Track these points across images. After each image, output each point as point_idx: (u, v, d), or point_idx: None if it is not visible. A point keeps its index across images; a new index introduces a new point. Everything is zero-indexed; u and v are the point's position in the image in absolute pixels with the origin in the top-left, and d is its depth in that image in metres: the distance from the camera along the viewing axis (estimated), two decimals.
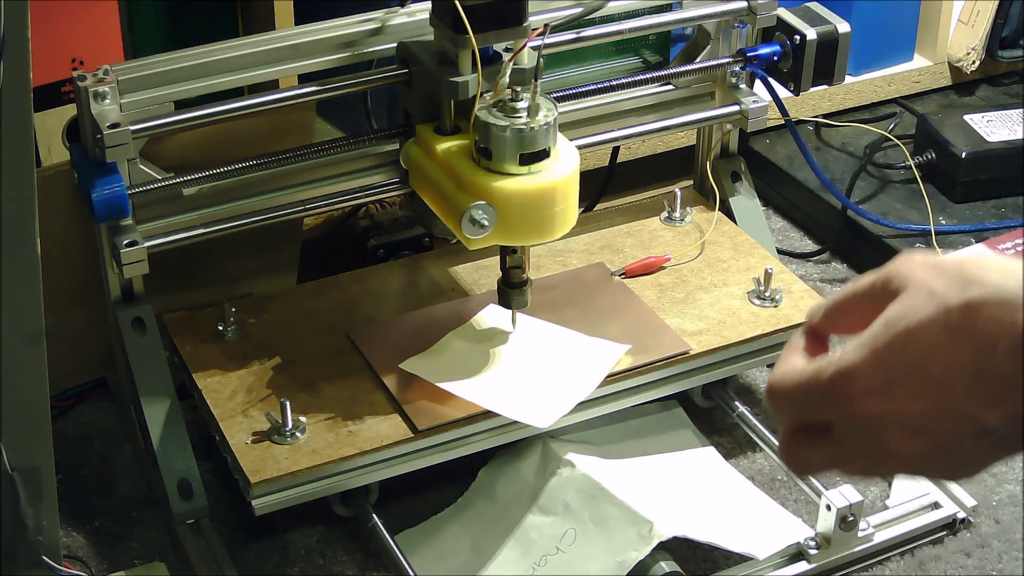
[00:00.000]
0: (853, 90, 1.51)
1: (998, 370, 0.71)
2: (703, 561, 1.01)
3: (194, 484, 1.01)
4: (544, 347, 1.06)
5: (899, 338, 0.73)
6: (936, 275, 0.74)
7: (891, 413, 0.74)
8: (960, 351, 0.71)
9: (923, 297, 0.73)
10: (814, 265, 1.36)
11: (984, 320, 0.71)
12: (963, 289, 0.72)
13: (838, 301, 0.78)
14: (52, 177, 1.04)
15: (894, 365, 0.73)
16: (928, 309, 0.72)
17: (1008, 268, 0.72)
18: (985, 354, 0.71)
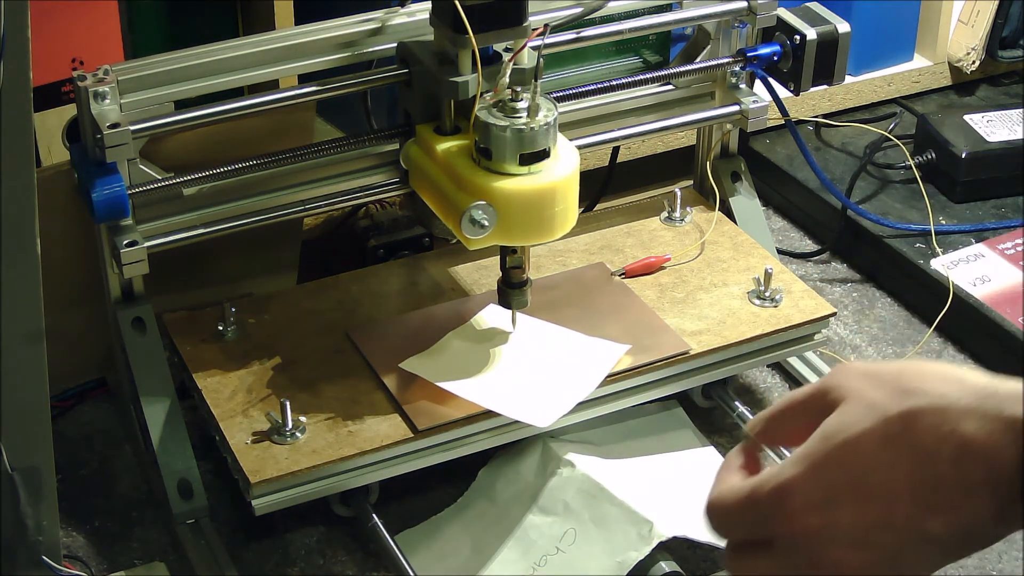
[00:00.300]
0: (853, 90, 1.51)
1: (940, 480, 0.70)
2: (703, 561, 1.01)
3: (194, 484, 1.01)
4: (544, 347, 1.06)
5: (838, 450, 0.73)
6: (874, 386, 0.73)
7: (832, 527, 0.73)
8: (901, 462, 0.71)
9: (862, 409, 0.72)
10: (814, 265, 1.36)
11: (923, 430, 0.70)
12: (901, 399, 0.71)
13: (775, 413, 0.77)
14: (52, 177, 1.04)
15: (833, 479, 0.73)
16: (867, 421, 0.72)
17: (947, 376, 0.72)
18: (926, 464, 0.70)
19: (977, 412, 0.68)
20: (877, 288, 1.33)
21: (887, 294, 1.32)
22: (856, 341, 1.26)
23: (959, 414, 0.69)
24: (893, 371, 0.74)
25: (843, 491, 0.73)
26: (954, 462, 0.69)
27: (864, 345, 1.25)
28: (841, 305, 1.30)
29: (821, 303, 1.12)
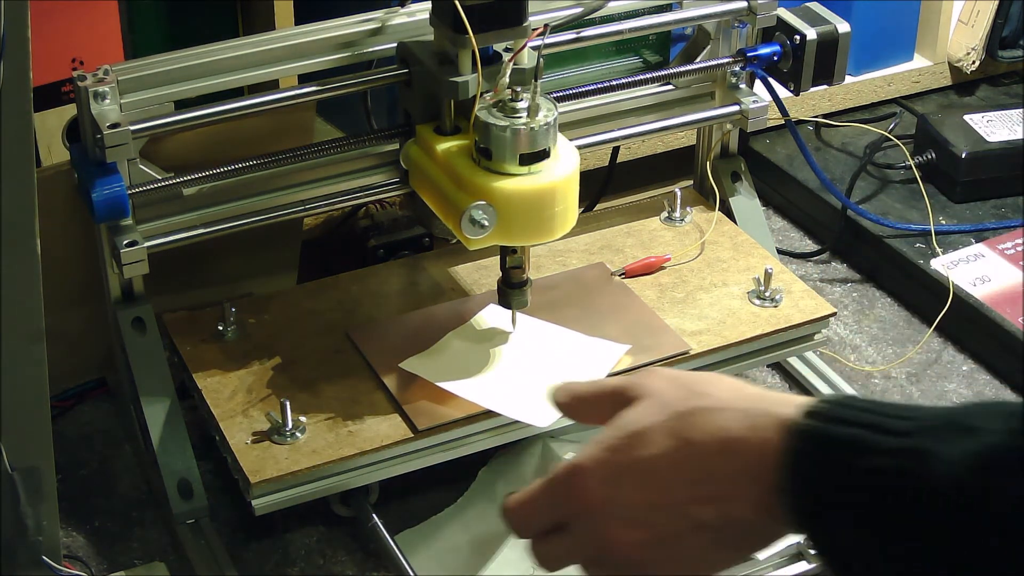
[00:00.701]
0: (853, 90, 1.51)
1: (709, 470, 0.77)
2: None
3: (194, 484, 1.01)
4: (544, 347, 1.06)
5: (628, 438, 0.80)
6: (670, 387, 0.82)
7: (614, 502, 0.81)
8: (679, 453, 0.78)
9: (656, 406, 0.81)
10: (814, 265, 1.36)
11: (700, 426, 0.78)
12: (688, 400, 0.79)
13: (583, 393, 0.86)
14: (52, 177, 1.04)
15: (620, 460, 0.80)
16: (657, 416, 0.80)
17: (731, 384, 0.80)
18: (698, 456, 0.78)
19: (746, 412, 0.76)
20: (877, 288, 1.33)
21: (887, 294, 1.32)
22: (856, 341, 1.26)
23: (731, 414, 0.77)
24: (690, 378, 0.82)
25: (627, 472, 0.80)
26: (721, 454, 0.77)
27: (864, 345, 1.25)
28: (841, 305, 1.30)
29: (821, 303, 1.12)
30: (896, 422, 0.70)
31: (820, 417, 0.73)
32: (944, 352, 1.24)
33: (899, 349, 1.25)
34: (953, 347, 1.25)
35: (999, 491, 0.64)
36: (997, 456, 0.65)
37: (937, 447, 0.67)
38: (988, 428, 0.66)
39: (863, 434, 0.70)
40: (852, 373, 1.21)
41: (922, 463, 0.67)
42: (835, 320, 1.23)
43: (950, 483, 0.65)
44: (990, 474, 0.64)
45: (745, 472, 0.76)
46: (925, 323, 1.27)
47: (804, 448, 0.73)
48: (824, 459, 0.71)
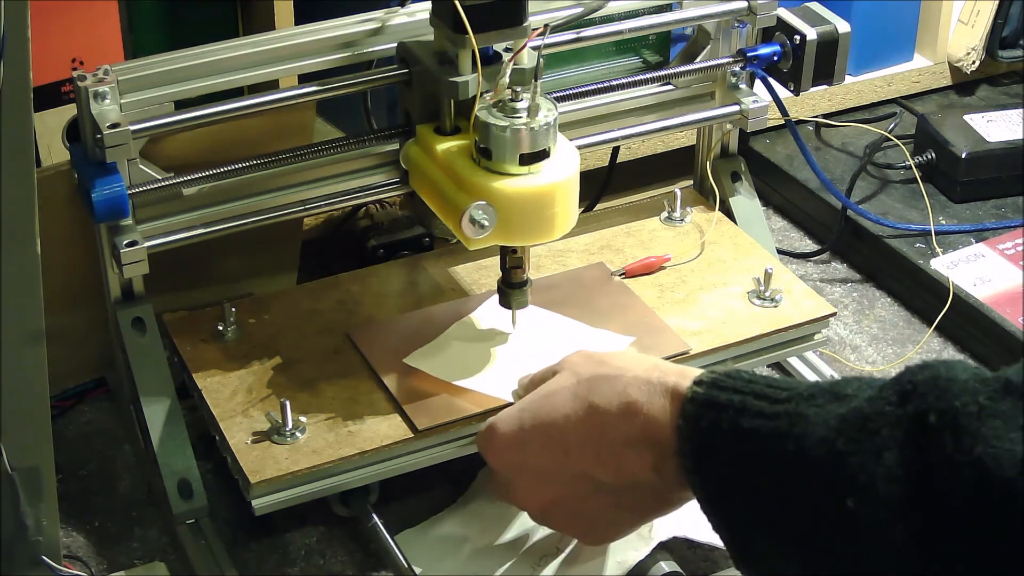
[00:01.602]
0: (853, 90, 1.52)
1: (606, 432, 0.84)
2: (703, 561, 1.01)
3: (194, 484, 1.01)
4: (549, 338, 1.06)
5: (538, 401, 0.89)
6: (583, 360, 0.89)
7: (523, 464, 0.90)
8: (579, 415, 0.85)
9: (567, 374, 0.89)
10: (814, 265, 1.36)
11: (599, 390, 0.85)
12: (595, 368, 0.87)
13: (535, 375, 0.95)
14: (52, 177, 1.04)
15: (529, 423, 0.88)
16: (566, 381, 0.88)
17: (633, 356, 0.89)
18: (597, 418, 0.84)
19: (643, 379, 0.82)
20: (877, 288, 1.33)
21: (887, 294, 1.32)
22: (856, 341, 1.26)
23: (629, 380, 0.83)
24: (603, 353, 0.90)
25: (533, 434, 0.88)
26: (618, 418, 0.83)
27: (864, 345, 1.25)
28: (841, 305, 1.30)
29: (821, 303, 1.12)
30: (777, 391, 0.74)
31: (707, 385, 0.78)
32: (944, 352, 1.25)
33: (899, 349, 1.25)
34: (953, 347, 1.25)
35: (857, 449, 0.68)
36: (858, 418, 0.69)
37: (809, 411, 0.71)
38: (856, 395, 0.71)
39: (746, 400, 0.75)
40: (852, 373, 1.21)
41: (794, 424, 0.71)
42: (835, 320, 1.23)
43: (816, 442, 0.70)
44: (849, 434, 0.68)
45: (642, 435, 0.82)
46: (925, 323, 1.27)
47: (693, 412, 0.78)
48: (710, 422, 0.76)
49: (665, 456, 0.80)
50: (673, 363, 0.85)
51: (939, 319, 1.22)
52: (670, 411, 0.80)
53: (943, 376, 0.67)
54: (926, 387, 0.67)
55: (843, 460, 0.68)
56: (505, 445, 0.91)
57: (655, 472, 0.82)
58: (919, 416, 0.66)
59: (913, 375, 0.69)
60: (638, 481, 0.84)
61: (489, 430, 0.92)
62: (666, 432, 0.80)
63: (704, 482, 0.77)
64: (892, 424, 0.67)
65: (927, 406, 0.66)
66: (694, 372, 0.81)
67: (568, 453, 0.87)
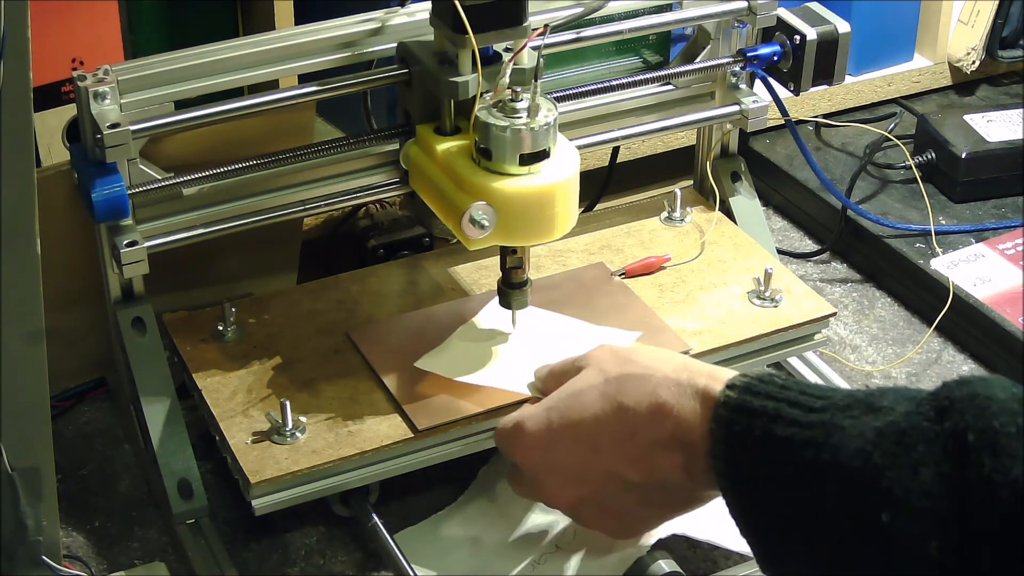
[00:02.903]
0: (853, 90, 1.52)
1: (635, 432, 0.84)
2: (703, 561, 1.01)
3: (194, 484, 1.01)
4: (557, 337, 1.06)
5: (565, 399, 0.88)
6: (609, 357, 0.89)
7: (552, 462, 0.89)
8: (608, 414, 0.85)
9: (594, 371, 0.88)
10: (814, 265, 1.36)
11: (629, 391, 0.84)
12: (623, 367, 0.86)
13: (553, 370, 0.95)
14: (52, 177, 1.04)
15: (556, 421, 0.88)
16: (593, 379, 0.87)
17: (661, 354, 0.88)
18: (626, 418, 0.84)
19: (673, 380, 0.82)
20: (877, 288, 1.33)
21: (887, 294, 1.32)
22: (856, 341, 1.26)
23: (659, 381, 0.83)
24: (629, 349, 0.90)
25: (561, 432, 0.88)
26: (648, 418, 0.82)
27: (864, 345, 1.25)
28: (841, 305, 1.30)
29: (821, 303, 1.12)
30: (811, 399, 0.74)
31: (740, 389, 0.78)
32: (944, 352, 1.25)
33: (899, 349, 1.25)
34: (953, 347, 1.25)
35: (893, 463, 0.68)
36: (894, 432, 0.69)
37: (845, 422, 0.71)
38: (893, 408, 0.71)
39: (780, 407, 0.75)
40: (852, 373, 1.21)
41: (830, 435, 0.71)
42: (835, 320, 1.23)
43: (852, 454, 0.70)
44: (886, 447, 0.68)
45: (672, 436, 0.82)
46: (925, 323, 1.27)
47: (726, 416, 0.77)
48: (744, 427, 0.76)
49: (695, 457, 0.80)
50: (701, 362, 0.85)
51: (939, 319, 1.22)
52: (701, 414, 0.80)
53: (981, 394, 0.67)
54: (964, 404, 0.67)
55: (879, 473, 0.68)
56: (533, 443, 0.90)
57: (685, 472, 0.82)
58: (957, 434, 0.66)
59: (951, 391, 0.69)
60: (667, 480, 0.84)
61: (516, 428, 0.91)
62: (697, 434, 0.80)
63: (734, 485, 0.77)
64: (929, 440, 0.67)
65: (965, 424, 0.66)
66: (724, 373, 0.81)
67: (597, 452, 0.86)
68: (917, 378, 1.21)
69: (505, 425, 0.92)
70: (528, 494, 0.96)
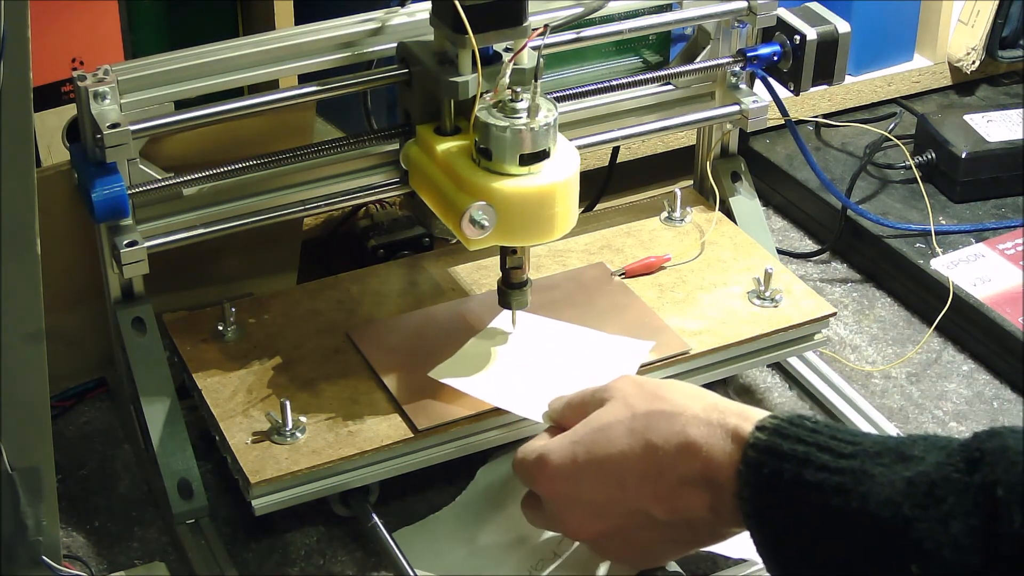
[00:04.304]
0: (853, 90, 1.52)
1: (663, 471, 0.83)
2: (703, 561, 1.01)
3: (194, 484, 1.01)
4: (572, 350, 1.05)
5: (591, 434, 0.87)
6: (635, 391, 0.88)
7: (576, 497, 0.88)
8: (635, 451, 0.84)
9: (620, 405, 0.87)
10: (814, 265, 1.36)
11: (657, 428, 0.84)
12: (651, 403, 0.85)
13: (571, 401, 0.93)
14: (52, 177, 1.04)
15: (581, 455, 0.87)
16: (620, 414, 0.86)
17: (690, 391, 0.87)
18: (654, 456, 0.83)
19: (703, 420, 0.81)
20: (877, 288, 1.33)
21: (887, 294, 1.32)
22: (856, 341, 1.26)
23: (688, 419, 0.82)
24: (655, 383, 0.89)
25: (587, 467, 0.87)
26: (676, 457, 0.82)
27: (864, 345, 1.25)
28: (841, 305, 1.30)
29: (821, 303, 1.12)
30: (841, 445, 0.74)
31: (770, 431, 0.78)
32: (944, 352, 1.25)
33: (899, 349, 1.25)
34: (953, 347, 1.25)
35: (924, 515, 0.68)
36: (925, 483, 0.69)
37: (875, 470, 0.71)
38: (924, 458, 0.71)
39: (809, 452, 0.75)
40: (852, 373, 1.21)
41: (859, 483, 0.71)
42: (835, 320, 1.23)
43: (882, 503, 0.70)
44: (916, 499, 0.69)
45: (701, 476, 0.81)
46: (925, 323, 1.27)
47: (755, 458, 0.77)
48: (772, 470, 0.76)
49: (723, 497, 0.80)
50: (730, 400, 0.84)
51: (939, 319, 1.22)
52: (730, 454, 0.79)
53: (1012, 448, 0.68)
54: (994, 456, 0.68)
55: (910, 525, 0.68)
56: (557, 476, 0.89)
57: (711, 512, 0.82)
58: (987, 487, 0.67)
59: (981, 442, 0.69)
60: (693, 518, 0.84)
61: (540, 460, 0.90)
62: (726, 474, 0.79)
63: (762, 526, 0.77)
64: (959, 492, 0.67)
65: (995, 478, 0.67)
66: (754, 413, 0.80)
67: (624, 489, 0.86)
68: (917, 378, 1.21)
69: (527, 456, 0.91)
70: (547, 526, 0.95)
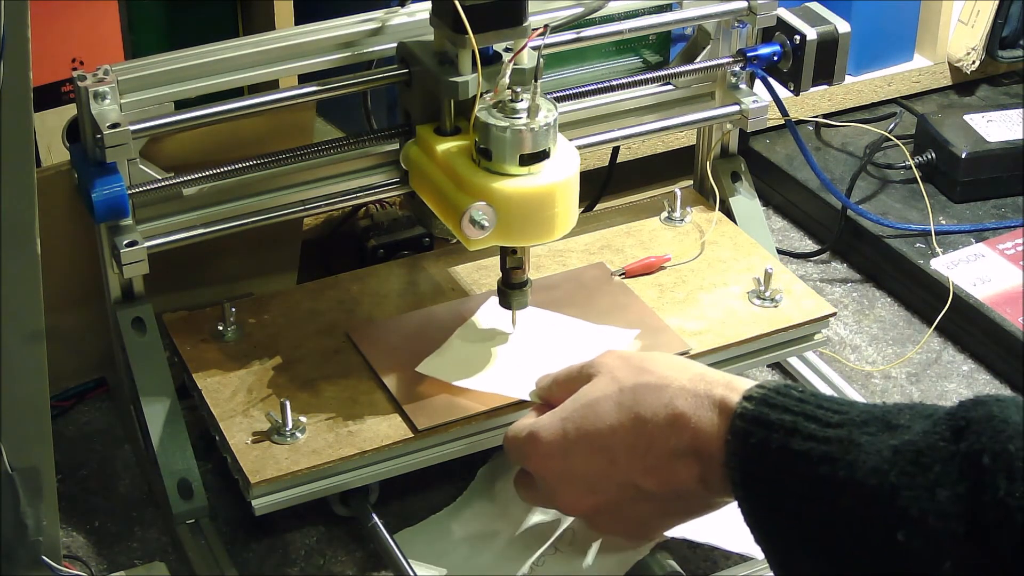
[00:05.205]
0: (853, 90, 1.52)
1: (652, 443, 0.83)
2: (703, 561, 1.01)
3: (194, 484, 1.01)
4: (556, 337, 1.06)
5: (580, 409, 0.88)
6: (622, 365, 0.88)
7: (568, 472, 0.89)
8: (624, 424, 0.85)
9: (607, 380, 0.88)
10: (814, 265, 1.36)
11: (646, 401, 0.84)
12: (637, 375, 0.86)
13: (558, 377, 0.94)
14: (52, 177, 1.04)
15: (572, 432, 0.88)
16: (607, 388, 0.87)
17: (676, 363, 0.87)
18: (643, 428, 0.84)
19: (690, 391, 0.82)
20: (877, 288, 1.33)
21: (887, 294, 1.32)
22: (856, 341, 1.26)
23: (675, 391, 0.83)
24: (640, 356, 0.89)
25: (577, 443, 0.87)
26: (665, 429, 0.82)
27: (864, 345, 1.25)
28: (841, 305, 1.30)
29: (821, 303, 1.12)
30: (828, 415, 0.75)
31: (757, 401, 0.78)
32: (944, 352, 1.25)
33: (899, 349, 1.25)
34: (953, 347, 1.25)
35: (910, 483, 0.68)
36: (911, 451, 0.69)
37: (862, 439, 0.72)
38: (910, 427, 0.71)
39: (797, 421, 0.75)
40: (852, 373, 1.21)
41: (846, 452, 0.72)
42: (835, 320, 1.23)
43: (868, 471, 0.70)
44: (902, 466, 0.69)
45: (690, 447, 0.82)
46: (925, 323, 1.27)
47: (742, 428, 0.78)
48: (760, 439, 0.76)
49: (712, 467, 0.80)
50: (717, 371, 0.84)
51: (939, 319, 1.22)
52: (718, 424, 0.80)
53: (998, 416, 0.68)
54: (980, 425, 0.68)
55: (896, 493, 0.68)
56: (548, 453, 0.90)
57: (701, 482, 0.82)
58: (973, 455, 0.67)
59: (967, 411, 0.69)
60: (683, 490, 0.84)
61: (530, 437, 0.90)
62: (714, 445, 0.80)
63: (750, 496, 0.77)
64: (945, 460, 0.67)
65: (981, 446, 0.67)
66: (741, 383, 0.81)
67: (614, 462, 0.86)
68: (917, 378, 1.21)
69: (518, 434, 0.92)
70: (540, 502, 0.95)
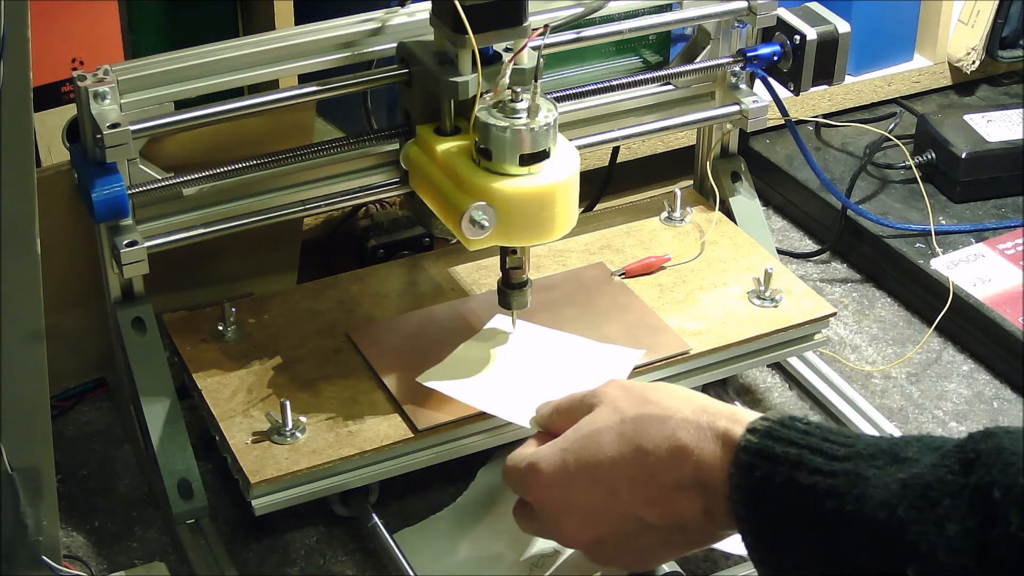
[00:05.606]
0: (853, 90, 1.52)
1: (655, 475, 0.82)
2: (703, 561, 1.01)
3: (194, 484, 1.01)
4: (561, 357, 1.05)
5: (581, 440, 0.86)
6: (624, 395, 0.87)
7: (569, 504, 0.87)
8: (626, 456, 0.84)
9: (608, 410, 0.86)
10: (814, 265, 1.36)
11: (648, 432, 0.83)
12: (639, 407, 0.85)
13: (559, 406, 0.92)
14: (52, 177, 1.04)
15: (573, 463, 0.86)
16: (609, 419, 0.85)
17: (678, 394, 0.86)
18: (645, 460, 0.83)
19: (692, 423, 0.80)
20: (877, 288, 1.33)
21: (887, 294, 1.32)
22: (856, 341, 1.26)
23: (678, 423, 0.81)
24: (643, 387, 0.88)
25: (578, 474, 0.86)
26: (667, 461, 0.81)
27: (864, 345, 1.25)
28: (841, 305, 1.30)
29: (821, 303, 1.12)
30: (834, 447, 0.74)
31: (761, 434, 0.77)
32: (944, 352, 1.25)
33: (899, 349, 1.25)
34: (953, 347, 1.25)
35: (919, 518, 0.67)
36: (920, 485, 0.68)
37: (869, 472, 0.71)
38: (918, 460, 0.70)
39: (803, 454, 0.74)
40: (852, 373, 1.21)
41: (854, 485, 0.71)
42: (835, 320, 1.23)
43: (876, 506, 0.69)
44: (911, 500, 0.68)
45: (693, 480, 0.81)
46: (925, 323, 1.27)
47: (746, 461, 0.77)
48: (764, 473, 0.75)
49: (716, 501, 0.79)
50: (720, 402, 0.83)
51: (939, 319, 1.22)
52: (721, 457, 0.79)
53: (1008, 449, 0.67)
54: (990, 458, 0.67)
55: (905, 528, 0.67)
56: (548, 484, 0.88)
57: (705, 515, 0.81)
58: (983, 488, 0.66)
59: (977, 443, 0.68)
60: (686, 522, 0.83)
61: (530, 468, 0.89)
62: (717, 478, 0.79)
63: (755, 530, 0.76)
64: (954, 494, 0.67)
65: (991, 479, 0.66)
66: (745, 414, 0.80)
67: (616, 494, 0.85)
68: (917, 378, 1.21)
69: (517, 464, 0.90)
70: (540, 533, 0.94)
